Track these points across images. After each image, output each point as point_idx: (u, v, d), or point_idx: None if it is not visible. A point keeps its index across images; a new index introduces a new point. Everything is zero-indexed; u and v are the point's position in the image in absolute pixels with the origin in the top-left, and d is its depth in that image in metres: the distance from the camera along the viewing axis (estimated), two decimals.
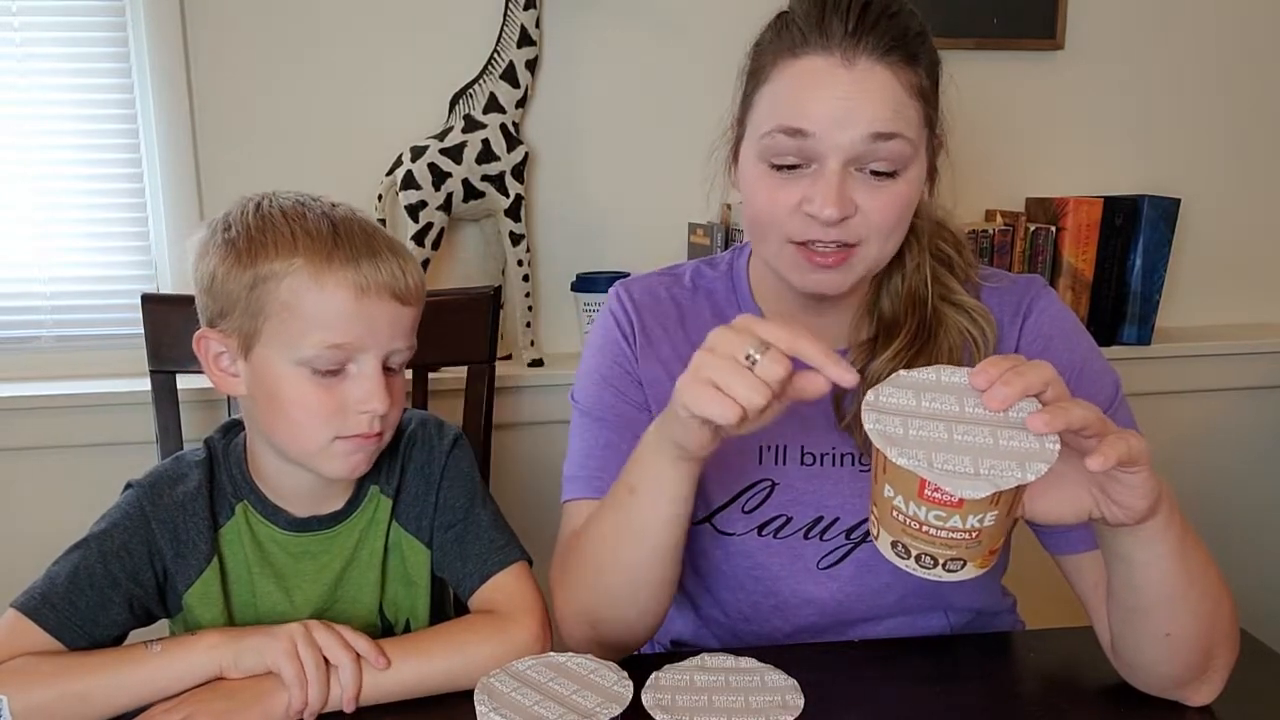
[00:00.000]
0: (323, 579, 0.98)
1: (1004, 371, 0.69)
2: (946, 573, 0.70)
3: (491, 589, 0.97)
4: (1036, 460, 0.66)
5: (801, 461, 0.99)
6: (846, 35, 0.85)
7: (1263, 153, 2.00)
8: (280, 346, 0.89)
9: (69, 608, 0.90)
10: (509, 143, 1.69)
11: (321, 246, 0.88)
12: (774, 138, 0.87)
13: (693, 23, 1.78)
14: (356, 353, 0.89)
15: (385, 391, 0.90)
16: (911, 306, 0.96)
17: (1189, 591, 0.81)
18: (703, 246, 1.75)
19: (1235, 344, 1.93)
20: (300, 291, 0.87)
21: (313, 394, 0.89)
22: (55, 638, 0.89)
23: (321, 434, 0.90)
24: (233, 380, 0.93)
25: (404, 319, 0.92)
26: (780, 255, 0.91)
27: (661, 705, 0.76)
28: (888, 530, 0.71)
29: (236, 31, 1.68)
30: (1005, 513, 0.68)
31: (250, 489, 0.97)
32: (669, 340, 1.03)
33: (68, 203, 1.70)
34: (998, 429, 0.68)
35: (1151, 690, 0.88)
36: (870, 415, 0.69)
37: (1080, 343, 0.98)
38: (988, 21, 1.82)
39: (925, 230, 0.98)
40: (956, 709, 0.87)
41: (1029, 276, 1.03)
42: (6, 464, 1.66)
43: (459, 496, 1.00)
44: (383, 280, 0.89)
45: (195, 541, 0.95)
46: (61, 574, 0.91)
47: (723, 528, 1.01)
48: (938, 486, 0.65)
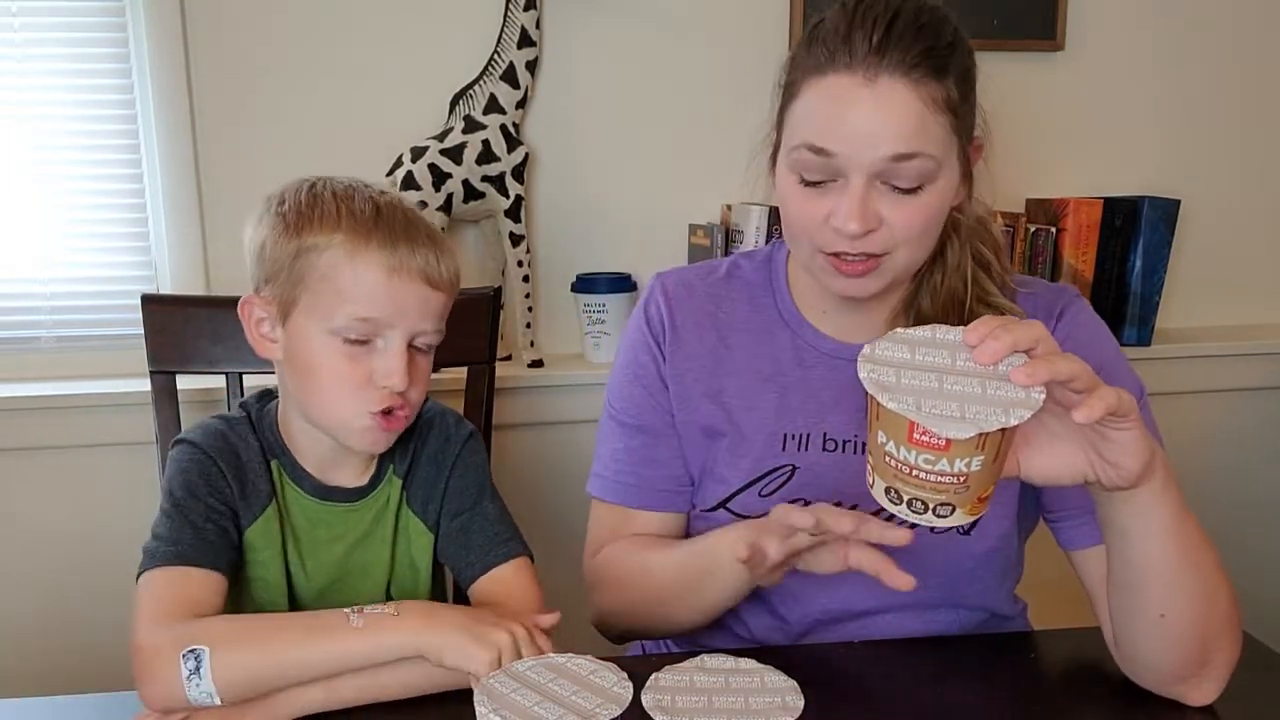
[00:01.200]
0: (334, 550, 1.01)
1: (994, 328, 0.72)
2: (936, 518, 0.73)
3: (492, 581, 0.99)
4: (1020, 407, 0.69)
5: (824, 448, 1.01)
6: (870, 52, 0.86)
7: (1263, 153, 2.00)
8: (315, 316, 0.93)
9: (200, 542, 0.92)
10: (509, 143, 1.69)
11: (362, 226, 0.93)
12: (801, 154, 0.90)
13: (693, 23, 1.78)
14: (385, 329, 0.93)
15: (406, 369, 0.94)
16: (950, 305, 0.99)
17: (1182, 567, 0.81)
18: (703, 247, 1.75)
19: (1235, 345, 1.93)
20: (338, 265, 0.92)
21: (341, 363, 0.93)
22: (209, 569, 0.91)
23: (347, 402, 0.94)
24: (271, 345, 0.98)
25: (433, 303, 0.96)
26: (812, 261, 0.95)
27: (661, 706, 0.76)
28: (881, 476, 0.74)
29: (236, 32, 1.68)
30: (992, 458, 0.71)
31: (282, 450, 1.01)
32: (699, 333, 1.07)
33: (68, 203, 1.70)
34: (986, 380, 0.71)
35: (1152, 686, 0.88)
36: (865, 366, 0.72)
37: (1107, 347, 1.01)
38: (988, 22, 1.82)
39: (966, 229, 0.99)
40: (957, 709, 0.87)
41: (1062, 285, 1.07)
42: (6, 464, 1.66)
43: (469, 486, 1.03)
44: (415, 264, 0.94)
45: (255, 482, 0.98)
46: (170, 525, 0.93)
47: (739, 511, 1.02)
48: (926, 429, 0.69)
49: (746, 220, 1.67)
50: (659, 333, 1.07)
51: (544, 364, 1.76)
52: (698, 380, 1.05)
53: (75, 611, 1.70)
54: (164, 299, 1.39)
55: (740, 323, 1.06)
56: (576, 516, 1.15)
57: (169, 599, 0.88)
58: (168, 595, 0.88)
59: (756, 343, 1.05)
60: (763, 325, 1.06)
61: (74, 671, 1.68)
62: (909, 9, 0.89)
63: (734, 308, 1.07)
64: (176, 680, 0.81)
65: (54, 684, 1.65)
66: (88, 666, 1.66)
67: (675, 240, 1.82)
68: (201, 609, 0.88)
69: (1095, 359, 0.94)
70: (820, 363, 1.03)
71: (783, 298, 1.06)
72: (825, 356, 1.03)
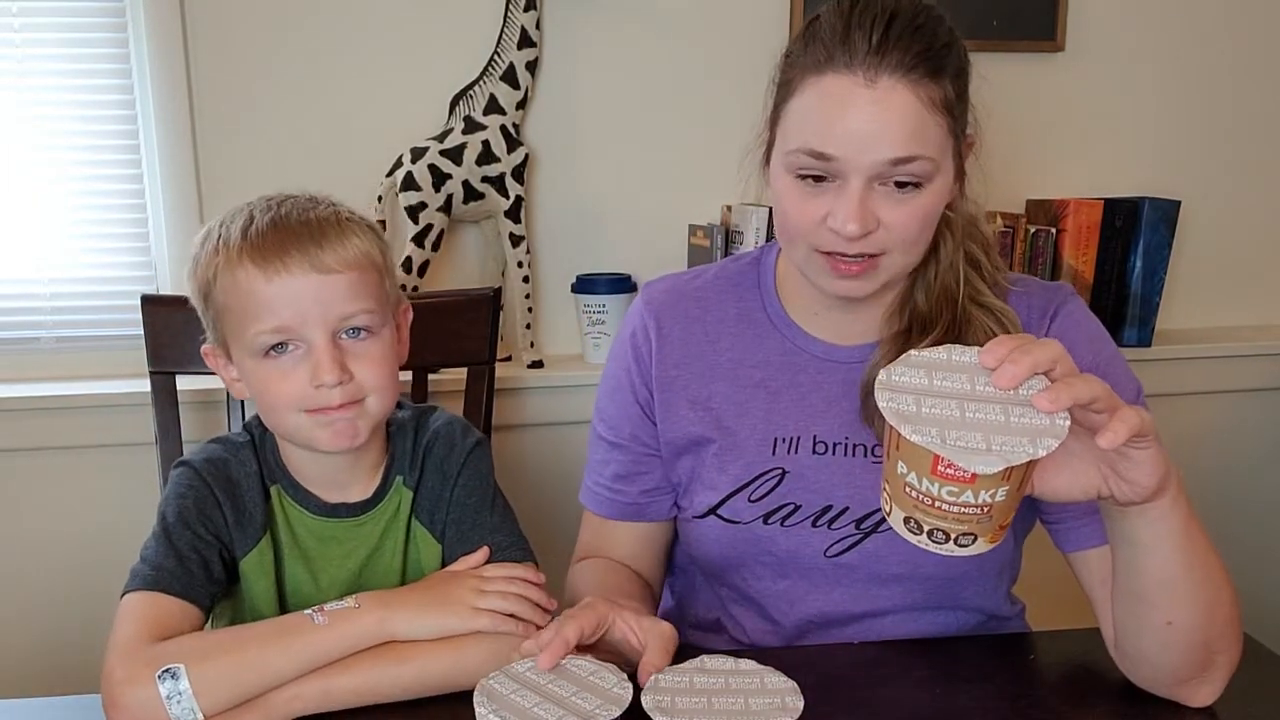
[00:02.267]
0: (348, 565, 1.01)
1: (1011, 350, 0.70)
2: (958, 548, 0.71)
3: None
4: (1047, 436, 0.67)
5: (813, 450, 1.01)
6: (870, 52, 0.86)
7: (1263, 154, 2.00)
8: (239, 345, 0.94)
9: (183, 573, 0.92)
10: (509, 144, 1.69)
11: (234, 246, 0.92)
12: (799, 157, 0.90)
13: (693, 23, 1.78)
14: (299, 331, 0.91)
15: (335, 362, 0.91)
16: (944, 302, 0.98)
17: (1191, 576, 0.81)
18: (702, 248, 1.75)
19: (1235, 346, 1.93)
20: (227, 291, 0.92)
21: (274, 379, 0.93)
22: (187, 600, 0.91)
23: (295, 412, 0.93)
24: (238, 385, 0.98)
25: (333, 288, 0.92)
26: (808, 262, 0.95)
27: (661, 707, 0.76)
28: (900, 506, 0.72)
29: (236, 32, 1.68)
30: (1016, 488, 0.69)
31: (283, 473, 1.01)
32: (687, 339, 1.06)
33: (68, 203, 1.70)
34: (1009, 406, 0.69)
35: (1153, 688, 0.88)
36: (884, 394, 0.70)
37: (1105, 348, 1.00)
38: (988, 23, 1.82)
39: (959, 226, 0.99)
40: (956, 710, 0.87)
41: (1058, 284, 1.05)
42: (6, 464, 1.66)
43: (472, 494, 1.02)
44: (292, 260, 0.90)
45: (251, 512, 0.98)
46: (158, 550, 0.93)
47: (728, 516, 1.02)
48: (950, 462, 0.67)
49: (746, 221, 1.67)
50: (641, 345, 1.07)
51: (544, 365, 1.76)
52: (686, 387, 1.05)
53: (75, 611, 1.70)
54: (164, 299, 1.39)
55: (729, 327, 1.06)
56: (576, 517, 1.15)
57: (144, 623, 0.87)
58: (143, 619, 0.88)
59: (745, 346, 1.05)
60: (751, 329, 1.05)
61: (73, 671, 1.67)
62: (906, 9, 0.88)
63: (722, 312, 1.07)
64: (152, 701, 0.81)
65: (54, 684, 1.65)
66: (88, 666, 1.64)
67: (675, 241, 1.82)
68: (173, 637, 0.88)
69: (1090, 359, 0.95)
70: (810, 366, 1.03)
71: (771, 300, 1.06)
72: (815, 359, 1.03)
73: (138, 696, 0.82)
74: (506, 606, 0.90)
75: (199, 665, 0.83)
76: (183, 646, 0.85)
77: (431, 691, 0.88)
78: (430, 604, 0.90)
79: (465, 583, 0.93)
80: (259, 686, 0.85)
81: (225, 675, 0.84)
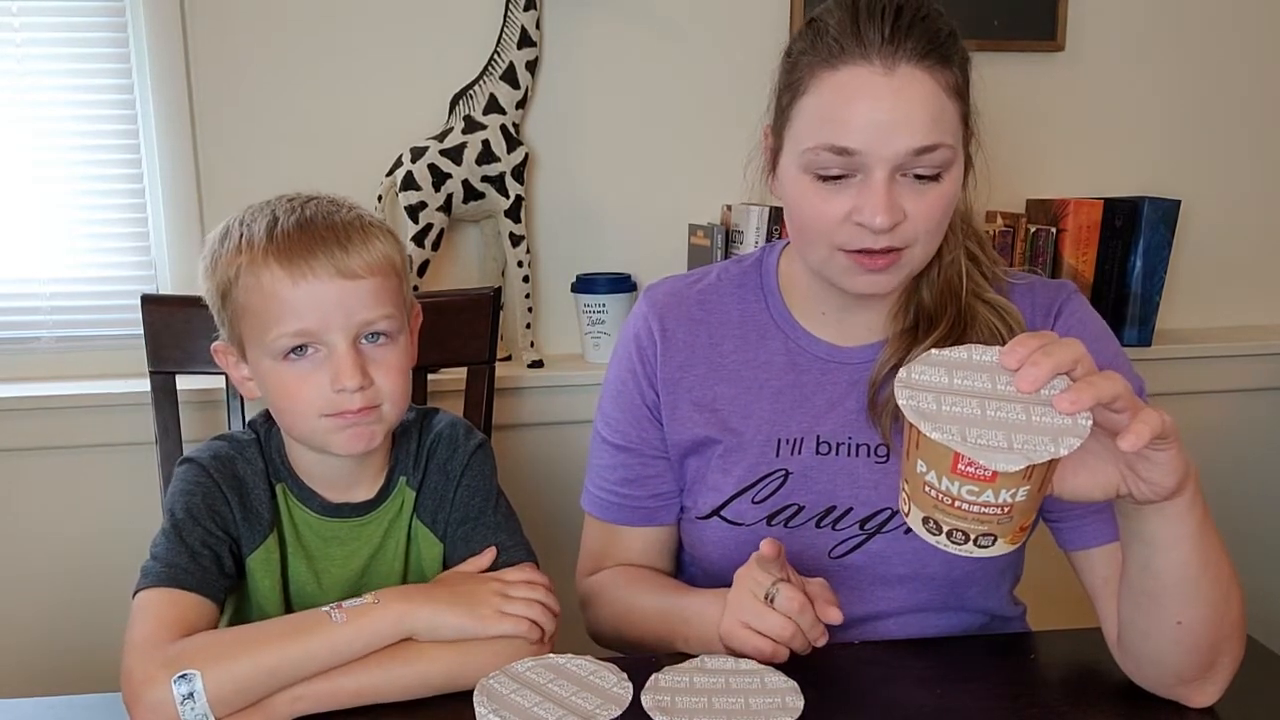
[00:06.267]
0: (350, 565, 1.01)
1: (1033, 351, 0.70)
2: (978, 548, 0.70)
3: None
4: (1069, 435, 0.67)
5: (817, 451, 1.01)
6: (884, 42, 0.86)
7: (1263, 154, 2.00)
8: (257, 345, 0.93)
9: (196, 568, 0.92)
10: (509, 144, 1.69)
11: (258, 247, 0.91)
12: (817, 154, 0.89)
13: (692, 23, 1.78)
14: (321, 335, 0.91)
15: (356, 367, 0.91)
16: (949, 298, 0.98)
17: (1205, 575, 0.80)
18: (703, 248, 1.75)
19: (1235, 346, 1.93)
20: (250, 292, 0.91)
21: (294, 382, 0.92)
22: (202, 595, 0.91)
23: (311, 418, 0.93)
24: (249, 384, 0.98)
25: (357, 293, 0.92)
26: (830, 262, 0.94)
27: (661, 707, 0.76)
28: (919, 506, 0.71)
29: (236, 32, 1.68)
30: (1037, 488, 0.69)
31: (288, 472, 1.01)
32: (691, 341, 1.06)
33: (68, 203, 1.70)
34: (1030, 405, 0.69)
35: (1155, 688, 0.88)
36: (904, 392, 0.70)
37: (1108, 346, 1.00)
38: (988, 22, 1.82)
39: (959, 223, 0.99)
40: (956, 710, 0.87)
41: (1060, 281, 1.05)
42: (6, 464, 1.66)
43: (474, 495, 1.02)
44: (318, 264, 0.90)
45: (258, 509, 0.98)
46: (168, 547, 0.93)
47: (732, 518, 1.02)
48: (971, 461, 0.66)
49: (747, 221, 1.67)
50: (646, 348, 1.07)
51: (544, 364, 1.76)
52: (690, 389, 1.05)
53: (75, 611, 1.70)
54: (164, 299, 1.39)
55: (732, 328, 1.06)
56: (575, 517, 1.15)
57: (161, 621, 0.87)
58: (159, 617, 0.88)
59: (749, 348, 1.05)
60: (755, 329, 1.05)
61: (74, 671, 1.68)
62: (910, 0, 0.89)
63: (725, 314, 1.07)
64: (168, 703, 0.81)
65: (54, 684, 1.65)
66: (88, 666, 1.66)
67: (675, 241, 1.82)
68: (191, 634, 0.87)
69: (1095, 357, 0.95)
70: (813, 366, 1.03)
71: (774, 301, 1.06)
72: (818, 360, 1.03)
73: (156, 696, 0.81)
74: (530, 613, 0.90)
75: (216, 666, 0.82)
76: (200, 646, 0.85)
77: (434, 692, 0.88)
78: (454, 604, 0.89)
79: (489, 586, 0.93)
80: (273, 686, 0.84)
81: (240, 678, 0.83)
